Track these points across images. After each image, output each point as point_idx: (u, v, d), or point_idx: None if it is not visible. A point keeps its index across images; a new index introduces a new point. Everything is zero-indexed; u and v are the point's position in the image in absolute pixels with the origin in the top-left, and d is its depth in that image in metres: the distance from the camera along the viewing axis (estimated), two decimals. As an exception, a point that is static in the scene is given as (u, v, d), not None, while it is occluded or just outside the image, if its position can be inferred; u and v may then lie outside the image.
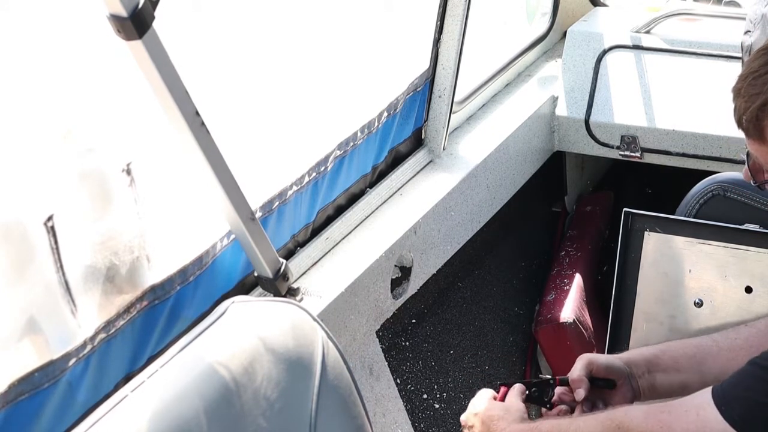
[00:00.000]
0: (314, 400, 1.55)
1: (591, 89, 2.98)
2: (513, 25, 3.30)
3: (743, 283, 2.15)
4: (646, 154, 2.95)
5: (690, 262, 2.20)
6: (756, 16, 2.27)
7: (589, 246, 3.07)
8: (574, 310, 2.81)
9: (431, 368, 2.53)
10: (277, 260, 1.91)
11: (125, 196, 1.65)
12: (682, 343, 1.94)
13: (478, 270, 2.77)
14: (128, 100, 1.67)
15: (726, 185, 2.21)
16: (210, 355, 1.49)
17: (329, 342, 1.62)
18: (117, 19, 1.47)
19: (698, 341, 1.93)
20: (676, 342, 1.96)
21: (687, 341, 1.94)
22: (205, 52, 1.88)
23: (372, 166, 2.37)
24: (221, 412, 1.44)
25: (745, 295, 2.16)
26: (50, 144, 1.53)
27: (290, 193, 2.04)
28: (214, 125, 1.67)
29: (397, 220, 2.34)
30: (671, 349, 1.92)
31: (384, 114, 2.36)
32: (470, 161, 2.61)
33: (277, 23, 2.09)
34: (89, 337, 1.57)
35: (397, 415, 2.35)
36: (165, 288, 1.74)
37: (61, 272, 1.53)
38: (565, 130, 3.02)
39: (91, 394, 1.58)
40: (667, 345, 1.94)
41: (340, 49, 2.27)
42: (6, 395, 1.41)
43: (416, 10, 2.57)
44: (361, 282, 2.15)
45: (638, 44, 2.99)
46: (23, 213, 1.46)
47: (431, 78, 2.51)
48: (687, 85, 2.92)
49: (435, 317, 2.57)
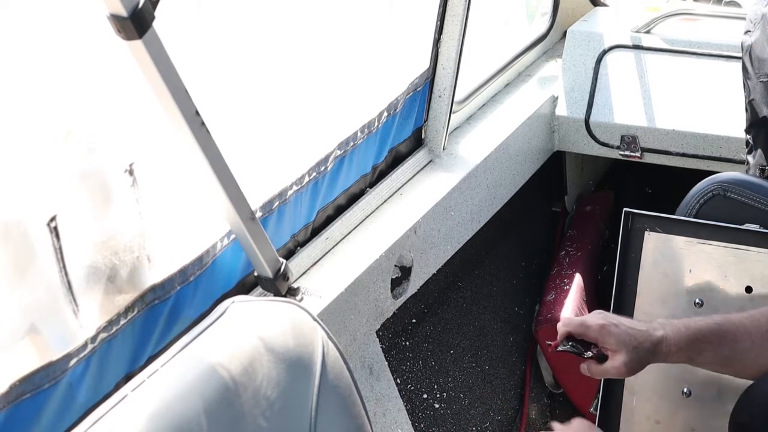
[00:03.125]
0: (314, 399, 1.55)
1: (591, 89, 2.99)
2: (513, 25, 3.30)
3: (743, 283, 2.16)
4: (646, 153, 2.95)
5: (690, 262, 2.20)
6: (756, 16, 2.28)
7: (589, 246, 3.08)
8: (575, 310, 2.81)
9: (431, 368, 2.53)
10: (277, 260, 1.91)
11: (127, 196, 1.65)
12: (740, 316, 1.92)
13: (478, 270, 2.77)
14: (130, 100, 1.67)
15: (726, 185, 2.21)
16: (210, 355, 1.49)
17: (329, 342, 1.62)
18: (117, 19, 1.47)
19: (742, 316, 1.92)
20: (729, 316, 1.94)
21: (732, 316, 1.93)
22: (205, 52, 1.88)
23: (372, 166, 2.37)
24: (221, 411, 1.44)
25: (745, 295, 2.16)
26: (51, 144, 1.53)
27: (290, 192, 2.04)
28: (214, 125, 1.67)
29: (397, 219, 2.34)
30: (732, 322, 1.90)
31: (384, 114, 2.36)
32: (470, 161, 2.61)
33: (278, 23, 2.09)
34: (90, 337, 1.58)
35: (398, 414, 2.35)
36: (165, 288, 1.74)
37: (64, 272, 1.53)
38: (565, 130, 3.02)
39: (92, 394, 1.59)
40: (724, 318, 1.92)
41: (340, 48, 2.27)
42: (7, 395, 1.42)
43: (416, 9, 2.57)
44: (361, 282, 2.15)
45: (638, 44, 3.00)
46: (24, 213, 1.47)
47: (431, 78, 2.51)
48: (687, 85, 2.92)
49: (435, 317, 2.57)
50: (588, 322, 1.90)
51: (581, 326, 1.90)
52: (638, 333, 1.87)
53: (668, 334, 1.88)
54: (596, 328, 1.88)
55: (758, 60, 2.25)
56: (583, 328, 1.90)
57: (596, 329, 1.88)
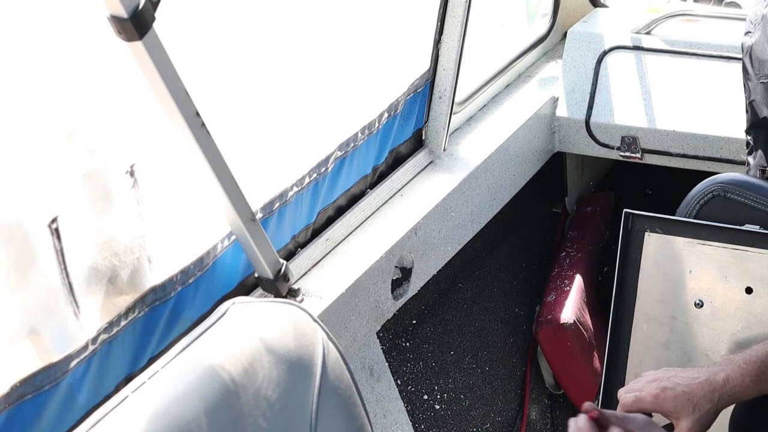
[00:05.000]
0: (315, 401, 1.55)
1: (591, 90, 2.99)
2: (513, 26, 3.30)
3: (744, 283, 2.16)
4: (646, 154, 2.95)
5: (690, 262, 2.20)
6: (756, 17, 2.27)
7: (589, 247, 3.08)
8: (575, 311, 2.81)
9: (432, 369, 2.53)
10: (278, 261, 1.91)
11: (127, 198, 1.65)
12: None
13: (478, 271, 2.77)
14: (130, 101, 1.67)
15: (726, 186, 2.21)
16: (210, 356, 1.49)
17: (330, 343, 1.62)
18: (117, 20, 1.47)
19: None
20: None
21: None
22: (205, 53, 1.88)
23: (372, 167, 2.37)
24: (222, 412, 1.44)
25: (745, 295, 2.16)
26: (52, 145, 1.53)
27: (291, 194, 2.04)
28: (214, 126, 1.67)
29: (398, 221, 2.34)
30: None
31: (384, 115, 2.36)
32: (471, 162, 2.61)
33: (278, 24, 2.09)
34: (91, 338, 1.58)
35: (398, 416, 2.35)
36: (166, 289, 1.74)
37: (65, 274, 1.53)
38: (566, 131, 3.02)
39: (92, 396, 1.59)
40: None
41: (340, 49, 2.27)
42: (8, 397, 1.42)
43: (416, 10, 2.57)
44: (361, 283, 2.15)
45: (639, 45, 3.00)
46: (25, 214, 1.47)
47: (432, 79, 2.51)
48: (687, 86, 2.92)
49: (435, 318, 2.57)
50: (641, 395, 1.78)
51: (635, 403, 1.78)
52: (697, 387, 1.76)
53: (730, 374, 1.78)
54: (651, 401, 1.77)
55: (758, 61, 2.25)
56: (637, 404, 1.78)
57: (651, 402, 1.77)
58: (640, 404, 1.78)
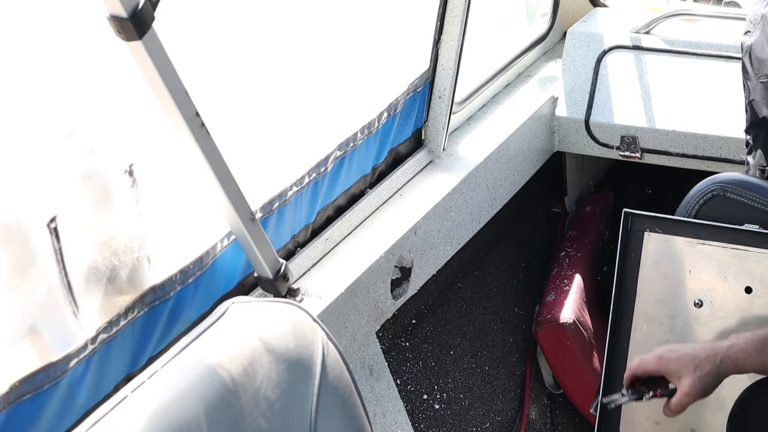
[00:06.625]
0: (314, 400, 1.55)
1: (591, 90, 2.99)
2: (513, 26, 3.30)
3: (743, 283, 2.16)
4: (646, 154, 2.96)
5: (690, 262, 2.20)
6: (756, 17, 2.28)
7: (589, 246, 3.08)
8: (574, 311, 2.81)
9: (431, 369, 2.53)
10: (277, 261, 1.91)
11: (126, 197, 1.65)
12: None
13: (478, 270, 2.77)
14: (130, 101, 1.67)
15: (726, 186, 2.22)
16: (210, 356, 1.49)
17: (329, 342, 1.62)
18: (117, 20, 1.47)
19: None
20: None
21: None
22: (205, 52, 1.88)
23: (372, 166, 2.37)
24: (221, 412, 1.44)
25: (745, 295, 2.16)
26: (51, 145, 1.53)
27: (290, 193, 2.04)
28: (214, 126, 1.67)
29: (397, 220, 2.34)
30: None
31: (384, 114, 2.36)
32: (470, 162, 2.61)
33: (278, 23, 2.09)
34: (90, 338, 1.58)
35: (398, 415, 2.35)
36: (165, 288, 1.74)
37: (64, 273, 1.53)
38: (565, 131, 3.02)
39: (92, 395, 1.59)
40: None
41: (340, 49, 2.27)
42: (7, 396, 1.42)
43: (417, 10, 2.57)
44: (361, 283, 2.15)
45: (638, 45, 3.00)
46: (25, 213, 1.47)
47: (431, 78, 2.51)
48: (687, 85, 2.92)
49: (435, 318, 2.57)
50: (645, 357, 1.84)
51: (640, 365, 1.84)
52: (701, 350, 1.81)
53: (735, 342, 1.83)
54: (654, 361, 1.82)
55: (758, 60, 2.25)
56: (642, 366, 1.84)
57: (654, 362, 1.82)
58: (645, 366, 1.83)
